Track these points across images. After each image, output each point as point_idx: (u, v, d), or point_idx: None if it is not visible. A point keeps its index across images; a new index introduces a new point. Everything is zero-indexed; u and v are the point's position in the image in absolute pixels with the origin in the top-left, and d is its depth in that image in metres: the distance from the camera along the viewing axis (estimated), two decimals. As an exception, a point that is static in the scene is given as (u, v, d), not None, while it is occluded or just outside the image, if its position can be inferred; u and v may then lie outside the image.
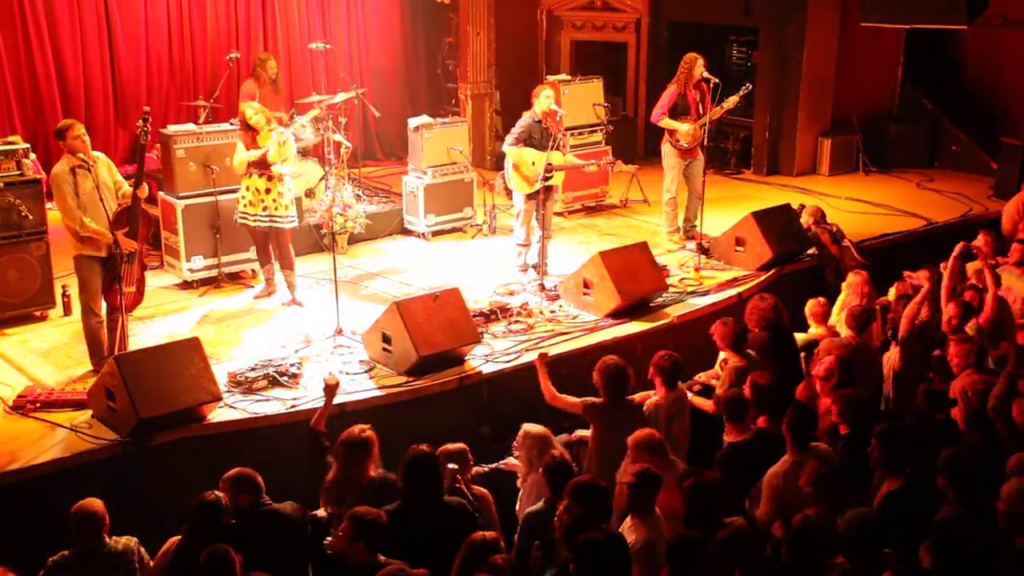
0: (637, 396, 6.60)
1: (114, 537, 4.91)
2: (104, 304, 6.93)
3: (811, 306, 7.72)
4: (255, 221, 8.16)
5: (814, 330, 7.65)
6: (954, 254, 7.35)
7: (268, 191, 8.08)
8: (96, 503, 4.85)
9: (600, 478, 5.08)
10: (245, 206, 8.15)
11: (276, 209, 8.11)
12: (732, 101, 9.36)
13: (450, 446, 5.57)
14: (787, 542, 4.47)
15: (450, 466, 5.37)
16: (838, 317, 7.64)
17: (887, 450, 5.11)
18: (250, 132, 8.08)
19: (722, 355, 6.96)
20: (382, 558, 4.55)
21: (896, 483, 5.06)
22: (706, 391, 6.87)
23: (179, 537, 4.94)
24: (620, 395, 6.12)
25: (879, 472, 5.21)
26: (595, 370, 6.16)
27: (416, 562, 4.55)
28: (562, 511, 4.74)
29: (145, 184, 6.84)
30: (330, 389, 5.92)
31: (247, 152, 8.03)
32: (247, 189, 8.13)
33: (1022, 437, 5.52)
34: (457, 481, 5.34)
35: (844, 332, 7.22)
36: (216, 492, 4.92)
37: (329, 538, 4.96)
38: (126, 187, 6.93)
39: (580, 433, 6.40)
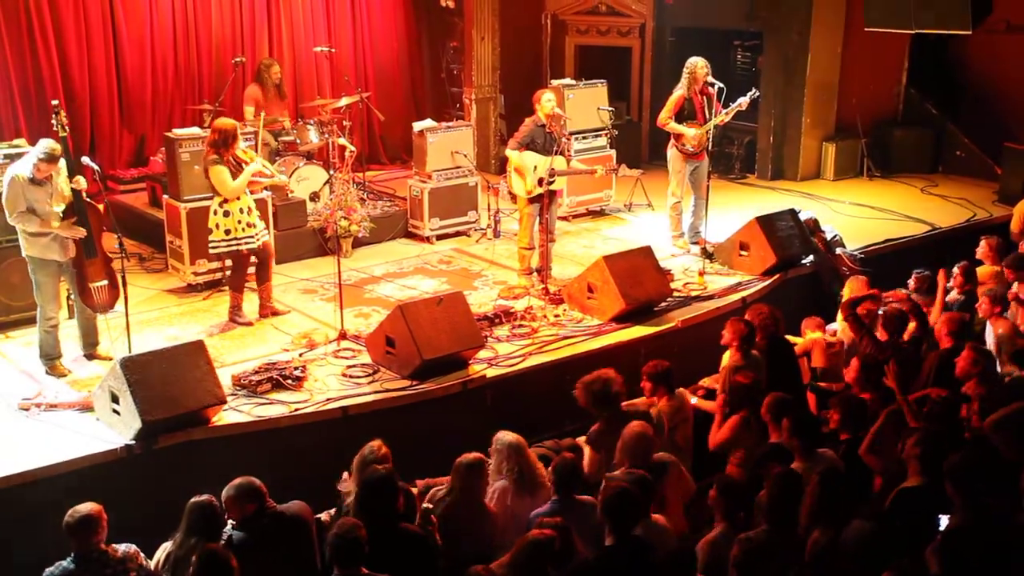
0: (639, 401, 6.60)
1: (113, 545, 4.87)
2: (57, 307, 7.00)
3: (805, 325, 7.70)
4: (248, 243, 7.84)
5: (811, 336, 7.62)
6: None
7: (251, 209, 7.84)
8: (92, 507, 4.80)
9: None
10: (245, 227, 7.76)
11: (259, 225, 7.92)
12: (740, 105, 9.35)
13: (467, 456, 5.36)
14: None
15: (425, 505, 5.21)
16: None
17: (924, 454, 5.08)
18: (230, 149, 7.67)
19: (726, 359, 6.96)
20: (365, 571, 4.51)
21: (915, 481, 5.06)
22: (711, 396, 6.87)
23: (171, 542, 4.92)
24: (615, 410, 6.07)
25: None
26: (579, 392, 6.09)
27: None
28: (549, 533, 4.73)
29: (80, 177, 6.83)
30: None
31: (251, 168, 7.72)
32: (241, 212, 7.72)
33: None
34: (431, 523, 5.11)
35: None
36: (208, 495, 4.90)
37: None
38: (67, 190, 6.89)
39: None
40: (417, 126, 10.30)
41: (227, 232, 7.72)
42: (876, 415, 5.92)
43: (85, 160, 6.99)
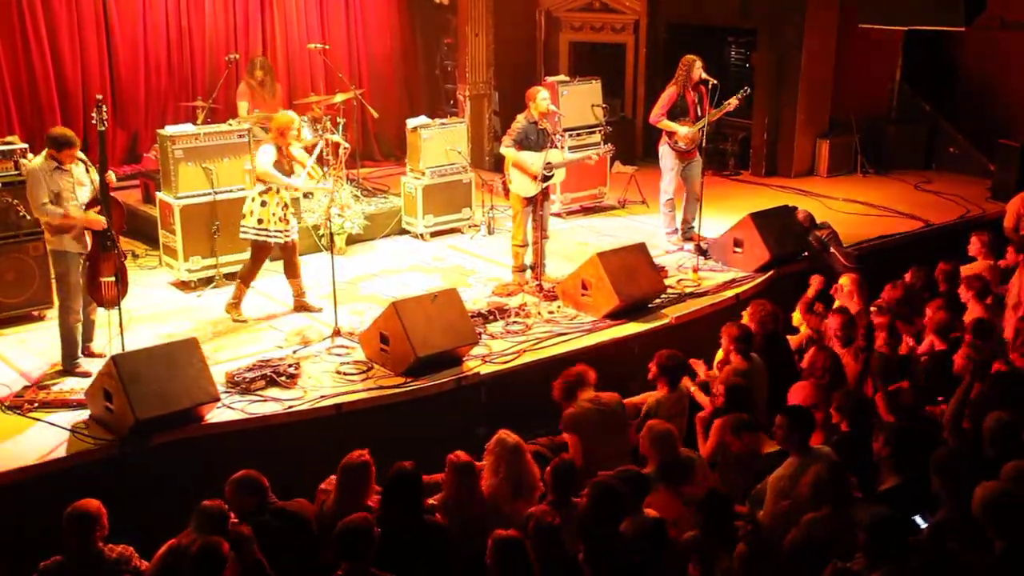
0: (637, 398, 6.62)
1: (110, 545, 4.86)
2: (81, 300, 6.94)
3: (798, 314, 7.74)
4: (275, 238, 7.93)
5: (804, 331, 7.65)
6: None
7: (288, 206, 8.00)
8: (92, 504, 4.79)
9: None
10: (278, 221, 7.86)
11: (292, 223, 8.05)
12: (730, 104, 9.37)
13: (459, 456, 5.46)
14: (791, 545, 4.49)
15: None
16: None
17: (893, 450, 5.14)
18: (284, 139, 7.85)
19: (719, 355, 6.97)
20: (375, 571, 4.54)
21: (895, 480, 5.09)
22: (705, 388, 6.87)
23: (174, 541, 4.90)
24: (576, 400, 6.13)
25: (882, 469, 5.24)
26: (558, 385, 6.19)
27: None
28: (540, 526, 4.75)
29: (111, 172, 6.87)
30: None
31: (288, 180, 7.82)
32: (278, 206, 7.85)
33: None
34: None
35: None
36: (217, 500, 4.87)
37: None
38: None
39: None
40: (411, 123, 10.29)
41: (260, 221, 7.81)
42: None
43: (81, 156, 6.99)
